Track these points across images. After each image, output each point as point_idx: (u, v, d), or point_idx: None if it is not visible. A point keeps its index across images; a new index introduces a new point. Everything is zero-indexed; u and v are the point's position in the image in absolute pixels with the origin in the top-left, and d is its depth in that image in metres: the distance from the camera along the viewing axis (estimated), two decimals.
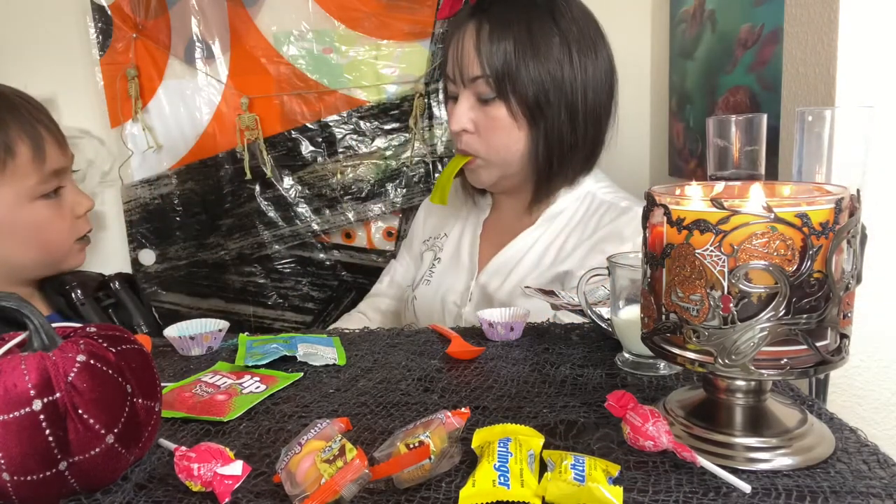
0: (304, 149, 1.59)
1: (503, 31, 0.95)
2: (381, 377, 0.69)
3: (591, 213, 1.03)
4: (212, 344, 0.80)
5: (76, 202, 0.94)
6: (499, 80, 0.96)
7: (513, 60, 0.95)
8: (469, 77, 0.98)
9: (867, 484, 0.45)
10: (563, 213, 1.05)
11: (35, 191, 0.88)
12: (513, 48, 0.95)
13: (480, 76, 0.96)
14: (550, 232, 1.04)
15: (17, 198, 0.87)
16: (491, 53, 0.95)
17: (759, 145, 0.69)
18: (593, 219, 1.02)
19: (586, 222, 1.03)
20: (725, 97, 1.18)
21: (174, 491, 0.48)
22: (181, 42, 1.54)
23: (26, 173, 0.86)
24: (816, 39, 0.87)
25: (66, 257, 0.95)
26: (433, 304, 1.10)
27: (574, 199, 1.05)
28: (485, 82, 0.96)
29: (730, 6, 1.16)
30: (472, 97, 0.99)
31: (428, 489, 0.47)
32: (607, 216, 1.01)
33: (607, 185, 1.07)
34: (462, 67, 0.98)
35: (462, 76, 0.99)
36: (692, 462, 0.47)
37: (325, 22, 1.54)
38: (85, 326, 0.52)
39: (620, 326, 0.69)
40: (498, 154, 1.00)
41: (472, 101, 0.99)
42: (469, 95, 0.99)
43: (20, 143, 0.86)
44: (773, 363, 0.47)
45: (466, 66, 0.98)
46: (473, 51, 0.96)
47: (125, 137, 1.57)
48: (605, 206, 1.03)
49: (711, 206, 0.46)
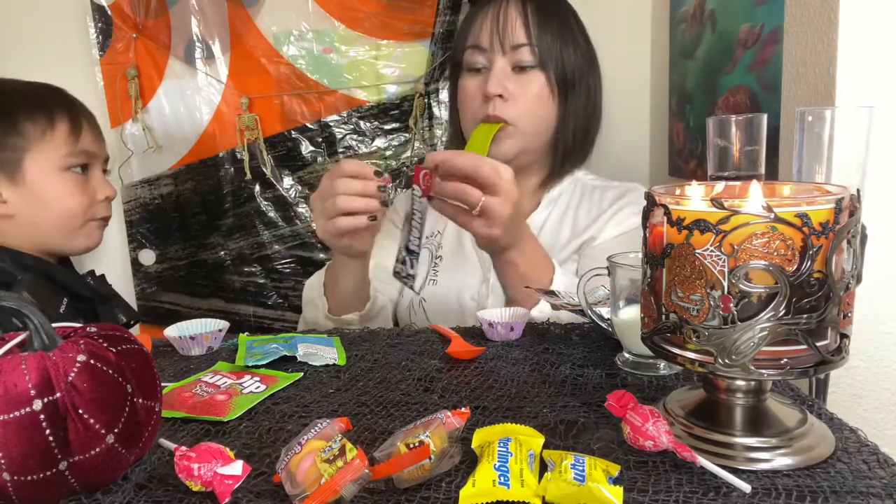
0: (304, 149, 1.59)
1: (551, 6, 1.05)
2: (381, 377, 0.69)
3: (588, 194, 1.12)
4: (212, 344, 0.80)
5: (99, 188, 1.08)
6: (544, 50, 1.01)
7: (558, 35, 1.02)
8: (512, 44, 1.01)
9: (867, 484, 0.45)
10: (561, 195, 1.12)
11: (66, 161, 1.01)
12: (557, 25, 1.03)
13: (525, 44, 1.01)
14: (556, 212, 1.10)
15: (50, 164, 1.00)
16: (539, 24, 1.01)
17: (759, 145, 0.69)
18: (594, 197, 1.11)
19: (588, 201, 1.11)
20: (725, 97, 1.18)
21: (174, 491, 0.48)
22: (181, 42, 1.54)
23: (62, 144, 1.01)
24: (816, 39, 0.87)
25: (77, 233, 1.05)
26: (448, 304, 1.08)
27: (568, 185, 1.13)
28: (529, 50, 1.01)
29: (730, 6, 1.16)
30: (508, 65, 1.03)
31: (428, 489, 0.47)
32: (609, 193, 1.11)
33: (591, 175, 1.16)
34: (504, 35, 1.02)
35: (503, 43, 1.02)
36: (692, 462, 0.47)
37: (325, 22, 1.54)
38: (85, 326, 0.52)
39: (620, 326, 0.69)
40: (532, 123, 1.04)
41: (508, 70, 1.03)
42: (505, 63, 1.03)
43: (61, 120, 1.01)
44: (773, 363, 0.47)
45: (510, 34, 1.02)
46: (521, 19, 1.01)
47: (125, 137, 1.57)
48: (599, 188, 1.12)
49: (711, 206, 0.46)
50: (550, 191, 1.11)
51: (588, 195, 1.12)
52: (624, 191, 1.11)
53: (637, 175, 1.59)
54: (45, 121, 1.00)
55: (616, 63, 1.06)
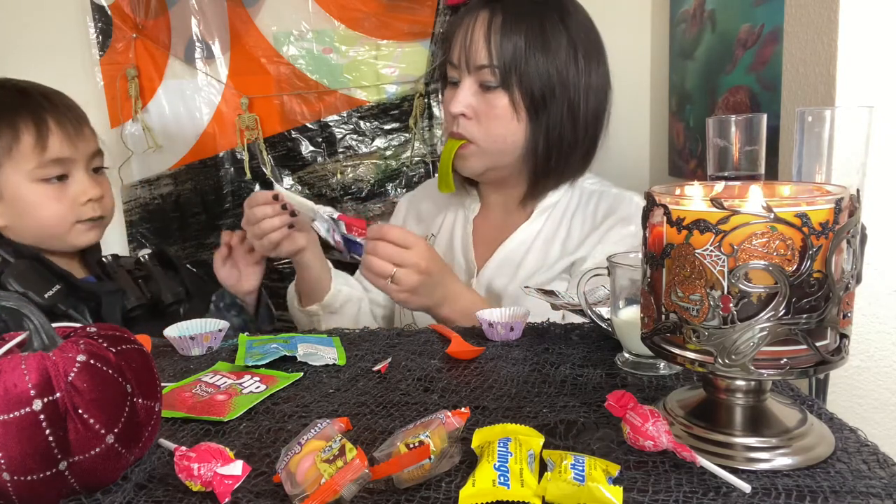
0: (304, 149, 1.59)
1: (516, 23, 0.97)
2: (381, 377, 0.69)
3: (585, 202, 1.06)
4: (212, 344, 0.80)
5: (81, 191, 1.02)
6: (505, 72, 0.97)
7: (522, 54, 0.96)
8: (475, 65, 0.99)
9: (867, 484, 0.45)
10: (556, 204, 1.07)
11: (34, 174, 0.98)
12: (524, 42, 0.96)
13: (487, 65, 0.97)
14: (549, 225, 1.06)
15: (20, 178, 0.98)
16: (500, 44, 0.96)
17: (759, 145, 0.69)
18: (589, 207, 1.06)
19: (583, 212, 1.05)
20: (725, 97, 1.18)
21: (174, 491, 0.48)
22: (181, 42, 1.54)
23: (27, 157, 0.97)
24: (816, 39, 0.87)
25: (67, 236, 1.02)
26: None
27: (563, 192, 1.08)
28: (490, 72, 0.97)
29: (730, 6, 1.16)
30: (475, 84, 1.00)
31: (428, 489, 0.47)
32: (603, 203, 1.05)
33: (593, 178, 1.10)
34: (469, 54, 0.99)
35: (468, 63, 1.00)
36: (692, 462, 0.47)
37: (325, 22, 1.54)
38: (85, 326, 0.53)
39: (620, 326, 0.69)
40: (494, 143, 1.01)
41: (475, 88, 1.00)
42: (472, 82, 1.00)
43: (25, 132, 0.97)
44: (773, 363, 0.47)
45: (473, 54, 0.98)
46: (483, 39, 0.97)
47: (125, 137, 1.57)
48: (596, 195, 1.07)
49: (711, 206, 0.46)
50: (543, 200, 1.07)
51: (585, 203, 1.06)
52: (616, 203, 1.04)
53: (637, 175, 1.59)
54: (10, 136, 0.96)
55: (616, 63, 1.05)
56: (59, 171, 1.00)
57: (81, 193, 1.02)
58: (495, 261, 1.05)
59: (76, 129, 1.01)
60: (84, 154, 1.03)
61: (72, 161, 1.01)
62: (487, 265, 1.06)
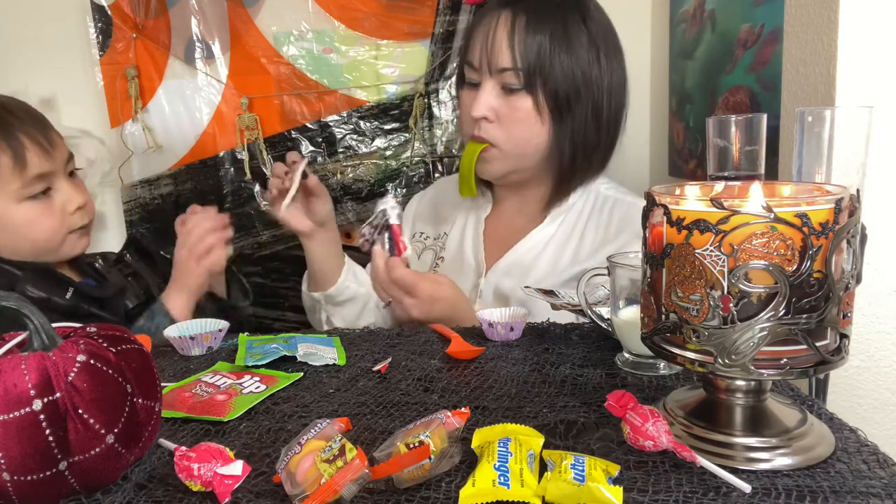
0: (304, 149, 1.59)
1: (539, 24, 0.95)
2: (381, 377, 0.69)
3: (599, 208, 1.05)
4: (212, 344, 0.80)
5: (67, 200, 1.01)
6: (529, 74, 0.95)
7: (547, 55, 0.95)
8: (497, 67, 0.97)
9: (867, 484, 0.45)
10: (571, 209, 1.05)
11: (19, 194, 0.96)
12: (548, 43, 0.95)
13: (510, 68, 0.96)
14: (563, 230, 1.05)
15: (5, 200, 0.96)
16: (525, 46, 0.95)
17: (759, 145, 0.69)
18: (603, 214, 1.04)
19: (597, 219, 1.04)
20: (725, 97, 1.18)
21: (174, 491, 0.48)
22: (181, 42, 1.54)
23: (9, 179, 0.95)
24: (816, 39, 0.87)
25: (60, 248, 1.01)
26: None
27: (579, 196, 1.06)
28: (514, 74, 0.96)
29: (730, 6, 1.16)
30: (497, 86, 0.99)
31: (428, 489, 0.47)
32: (616, 212, 1.03)
33: (606, 181, 1.08)
34: (491, 56, 0.97)
35: (490, 65, 0.98)
36: (692, 462, 0.47)
37: (325, 22, 1.54)
38: (85, 326, 0.52)
39: (620, 326, 0.69)
40: (517, 146, 1.00)
41: (497, 90, 0.99)
42: (494, 84, 0.99)
43: (2, 154, 0.94)
44: (773, 363, 0.47)
45: (496, 56, 0.97)
46: (506, 41, 0.96)
47: (125, 138, 1.57)
48: (611, 201, 1.05)
49: (711, 206, 0.46)
50: (560, 204, 1.05)
51: (599, 208, 1.05)
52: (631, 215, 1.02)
53: (637, 175, 1.59)
54: None
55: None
56: (42, 186, 0.98)
57: (68, 202, 1.01)
58: (505, 262, 1.05)
59: (47, 139, 0.99)
60: (61, 162, 1.01)
61: (52, 173, 0.99)
62: (496, 266, 1.05)
